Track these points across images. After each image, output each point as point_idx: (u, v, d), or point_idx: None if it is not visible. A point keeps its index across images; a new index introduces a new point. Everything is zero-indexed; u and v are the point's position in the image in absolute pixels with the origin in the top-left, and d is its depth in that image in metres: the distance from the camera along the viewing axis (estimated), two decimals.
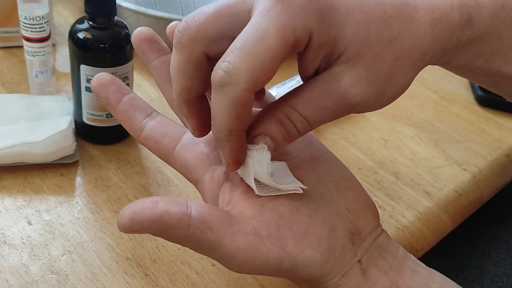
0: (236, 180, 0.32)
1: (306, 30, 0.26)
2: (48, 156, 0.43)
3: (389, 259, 0.32)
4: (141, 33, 0.35)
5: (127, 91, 0.35)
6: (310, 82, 0.29)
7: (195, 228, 0.27)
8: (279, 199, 0.31)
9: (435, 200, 0.48)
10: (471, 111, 0.61)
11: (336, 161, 0.35)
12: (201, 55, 0.28)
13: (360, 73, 0.28)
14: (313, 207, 0.31)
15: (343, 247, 0.30)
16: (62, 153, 0.44)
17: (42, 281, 0.36)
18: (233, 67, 0.25)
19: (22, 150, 0.42)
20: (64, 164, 0.45)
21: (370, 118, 0.57)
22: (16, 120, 0.46)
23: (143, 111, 0.35)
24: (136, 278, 0.37)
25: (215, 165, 0.33)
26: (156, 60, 0.35)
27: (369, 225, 0.32)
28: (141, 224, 0.27)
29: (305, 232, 0.30)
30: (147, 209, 0.27)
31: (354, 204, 0.32)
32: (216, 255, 0.29)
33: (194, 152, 0.33)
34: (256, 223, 0.29)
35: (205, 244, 0.28)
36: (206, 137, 0.34)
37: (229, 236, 0.28)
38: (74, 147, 0.45)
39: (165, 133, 0.34)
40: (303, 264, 0.29)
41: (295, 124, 0.29)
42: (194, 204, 0.29)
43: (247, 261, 0.28)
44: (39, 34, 0.47)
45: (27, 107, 0.47)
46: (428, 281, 0.31)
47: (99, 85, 0.34)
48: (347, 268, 0.31)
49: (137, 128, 0.34)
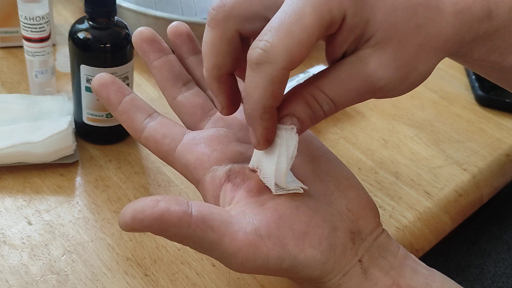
0: (237, 181, 0.32)
1: (341, 12, 0.27)
2: (48, 156, 0.43)
3: (390, 258, 0.32)
4: (142, 33, 0.36)
5: (127, 92, 0.35)
6: (338, 65, 0.29)
7: (195, 227, 0.28)
8: (280, 198, 0.31)
9: (435, 200, 0.48)
10: (471, 111, 0.61)
11: (336, 160, 0.35)
12: (234, 33, 0.29)
13: (387, 57, 0.28)
14: (314, 207, 0.31)
15: (344, 246, 0.30)
16: (62, 153, 0.44)
17: (42, 281, 0.36)
18: (271, 46, 0.26)
19: (22, 150, 0.42)
20: (64, 164, 0.45)
21: (370, 118, 0.57)
22: (16, 120, 0.46)
23: (144, 112, 0.35)
24: (136, 278, 0.37)
25: (216, 165, 0.33)
26: (157, 60, 0.36)
27: (369, 225, 0.32)
28: (142, 222, 0.27)
29: (306, 231, 0.30)
30: (148, 207, 0.27)
31: (354, 203, 0.32)
32: (217, 254, 0.29)
33: (195, 153, 0.33)
34: (257, 222, 0.29)
35: (205, 243, 0.28)
36: (207, 138, 0.34)
37: (229, 235, 0.28)
38: (74, 147, 0.45)
39: (166, 133, 0.34)
40: (304, 263, 0.29)
41: (321, 105, 0.29)
42: (195, 203, 0.29)
43: (247, 260, 0.28)
44: (39, 34, 0.47)
45: (27, 107, 0.47)
46: (429, 280, 0.31)
47: (99, 85, 0.34)
48: (348, 268, 0.31)
49: (138, 129, 0.34)
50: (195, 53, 0.38)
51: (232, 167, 0.33)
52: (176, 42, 0.37)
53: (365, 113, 0.58)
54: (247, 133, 0.35)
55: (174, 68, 0.37)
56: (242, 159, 0.34)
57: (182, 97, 0.36)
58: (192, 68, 0.38)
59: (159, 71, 0.36)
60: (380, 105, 0.60)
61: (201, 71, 0.37)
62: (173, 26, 0.37)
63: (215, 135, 0.34)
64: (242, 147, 0.34)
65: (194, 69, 0.38)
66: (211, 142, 0.34)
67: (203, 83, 0.37)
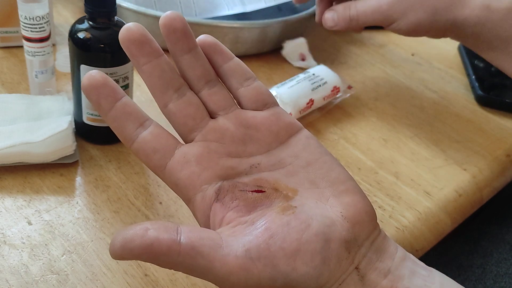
0: (226, 200, 0.32)
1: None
2: (48, 156, 0.43)
3: (388, 261, 0.31)
4: (129, 32, 0.32)
5: (119, 95, 0.32)
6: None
7: (185, 255, 0.28)
8: (271, 214, 0.31)
9: (435, 200, 0.48)
10: (471, 111, 0.61)
11: (333, 162, 0.34)
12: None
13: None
14: (306, 220, 0.31)
15: (338, 257, 0.30)
16: (62, 153, 0.44)
17: (42, 281, 0.36)
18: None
19: (21, 150, 0.42)
20: (64, 164, 0.45)
21: (370, 118, 0.57)
22: (16, 120, 0.46)
23: (136, 120, 0.33)
24: (136, 278, 0.37)
25: (206, 185, 0.32)
26: (147, 65, 0.33)
27: (366, 229, 0.32)
28: (131, 252, 0.27)
29: (297, 249, 0.29)
30: (138, 237, 0.27)
31: (350, 209, 0.32)
32: (209, 278, 0.29)
33: (185, 172, 0.32)
34: (247, 244, 0.29)
35: (196, 269, 0.28)
36: (197, 155, 0.33)
37: (219, 260, 0.28)
38: (74, 147, 0.45)
39: (157, 148, 0.33)
40: (297, 280, 0.29)
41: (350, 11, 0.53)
42: (185, 228, 0.29)
43: (239, 283, 0.28)
44: (39, 34, 0.47)
45: (27, 107, 0.47)
46: (427, 282, 0.31)
47: (90, 86, 0.32)
48: (344, 276, 0.30)
49: (128, 139, 0.33)
50: (190, 51, 0.34)
51: (222, 185, 0.32)
52: (170, 38, 0.34)
53: (365, 113, 0.58)
54: (238, 146, 0.34)
55: (164, 73, 0.34)
56: (233, 175, 0.33)
57: (173, 105, 0.34)
58: (186, 68, 0.35)
59: (148, 77, 0.33)
60: (380, 105, 0.60)
61: (196, 72, 0.35)
62: (167, 17, 0.33)
63: (206, 151, 0.33)
64: (233, 161, 0.33)
65: (188, 69, 0.35)
66: (201, 159, 0.33)
67: (197, 85, 0.35)
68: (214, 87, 0.35)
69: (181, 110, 0.34)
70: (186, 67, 0.35)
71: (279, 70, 0.62)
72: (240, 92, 0.36)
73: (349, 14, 0.53)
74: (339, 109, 0.58)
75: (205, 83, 0.35)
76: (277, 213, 0.31)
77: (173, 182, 0.33)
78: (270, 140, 0.35)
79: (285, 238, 0.30)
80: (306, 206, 0.32)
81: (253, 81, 0.36)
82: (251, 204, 0.32)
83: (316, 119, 0.56)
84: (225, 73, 0.36)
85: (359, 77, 0.64)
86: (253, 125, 0.35)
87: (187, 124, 0.34)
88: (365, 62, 0.68)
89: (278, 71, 0.62)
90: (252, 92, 0.36)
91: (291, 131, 0.35)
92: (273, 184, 0.33)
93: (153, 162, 0.33)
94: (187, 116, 0.34)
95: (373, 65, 0.68)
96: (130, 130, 0.33)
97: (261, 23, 0.60)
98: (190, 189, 0.33)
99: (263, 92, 0.36)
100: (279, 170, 0.34)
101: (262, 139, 0.34)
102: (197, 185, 0.32)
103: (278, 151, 0.34)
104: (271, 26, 0.61)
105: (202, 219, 0.33)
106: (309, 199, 0.32)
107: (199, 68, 0.35)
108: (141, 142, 0.33)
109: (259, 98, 0.35)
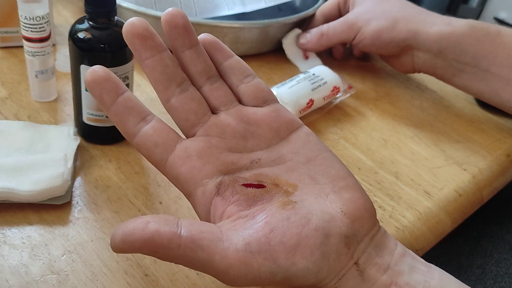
0: (226, 194, 0.32)
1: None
2: (35, 196, 0.39)
3: (387, 257, 0.32)
4: (133, 27, 0.33)
5: (122, 90, 0.33)
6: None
7: (185, 248, 0.28)
8: (271, 208, 0.31)
9: (435, 200, 0.48)
10: (471, 111, 0.61)
11: (333, 159, 0.35)
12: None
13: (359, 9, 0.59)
14: (306, 215, 0.31)
15: (338, 253, 0.30)
16: (52, 193, 0.40)
17: (42, 281, 0.36)
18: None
19: (6, 190, 0.39)
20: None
21: (370, 118, 0.57)
22: (10, 152, 0.43)
23: (137, 115, 0.33)
24: (136, 278, 0.37)
25: (207, 179, 0.33)
26: (150, 59, 0.33)
27: (365, 225, 0.32)
28: (132, 245, 0.28)
29: (297, 244, 0.30)
30: (138, 230, 0.28)
31: (350, 205, 0.32)
32: (209, 271, 0.29)
33: (186, 166, 0.33)
34: (247, 237, 0.29)
35: (196, 262, 0.28)
36: (198, 149, 0.33)
37: (219, 253, 0.28)
38: (66, 188, 0.41)
39: (158, 142, 0.33)
40: (296, 274, 0.29)
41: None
42: (185, 222, 0.29)
43: (239, 276, 0.29)
44: (39, 34, 0.47)
45: (22, 138, 0.44)
46: (427, 277, 0.31)
47: (92, 81, 0.32)
48: (344, 271, 0.30)
49: (130, 133, 0.33)
50: (191, 47, 0.35)
51: (223, 180, 0.33)
52: (171, 34, 0.34)
53: (365, 113, 0.58)
54: (239, 141, 0.34)
55: (167, 68, 0.34)
56: (234, 170, 0.33)
57: (175, 100, 0.34)
58: (188, 64, 0.35)
59: (151, 71, 0.34)
60: (380, 105, 0.60)
61: (197, 68, 0.35)
62: (168, 14, 0.34)
63: (207, 146, 0.34)
64: (234, 156, 0.34)
65: (189, 64, 0.35)
66: (202, 154, 0.33)
67: (199, 80, 0.35)
68: (215, 83, 0.36)
69: (184, 105, 0.34)
70: (188, 63, 0.35)
71: (279, 70, 0.62)
72: (240, 89, 0.36)
73: (321, 30, 0.61)
74: (339, 109, 0.58)
75: (207, 78, 0.35)
76: (277, 208, 0.31)
77: (174, 176, 0.33)
78: (271, 136, 0.35)
79: (285, 233, 0.30)
80: (306, 201, 0.32)
81: (253, 78, 0.36)
82: (251, 198, 0.32)
83: (316, 119, 0.56)
84: (225, 70, 0.36)
85: (359, 77, 0.65)
86: (254, 121, 0.35)
87: (189, 119, 0.34)
88: (365, 62, 0.68)
89: (278, 71, 0.62)
90: (252, 89, 0.36)
91: (291, 128, 0.35)
92: (273, 179, 0.33)
93: (154, 156, 0.33)
94: (189, 111, 0.34)
95: (373, 65, 0.68)
96: (132, 124, 0.33)
97: (261, 23, 0.60)
98: (191, 183, 0.33)
99: (263, 89, 0.36)
100: (280, 166, 0.34)
101: (263, 135, 0.35)
102: (198, 179, 0.33)
103: (279, 147, 0.35)
104: (271, 26, 0.61)
105: (202, 213, 0.33)
106: (309, 195, 0.32)
107: (200, 64, 0.35)
108: (143, 136, 0.33)
109: (259, 95, 0.36)
